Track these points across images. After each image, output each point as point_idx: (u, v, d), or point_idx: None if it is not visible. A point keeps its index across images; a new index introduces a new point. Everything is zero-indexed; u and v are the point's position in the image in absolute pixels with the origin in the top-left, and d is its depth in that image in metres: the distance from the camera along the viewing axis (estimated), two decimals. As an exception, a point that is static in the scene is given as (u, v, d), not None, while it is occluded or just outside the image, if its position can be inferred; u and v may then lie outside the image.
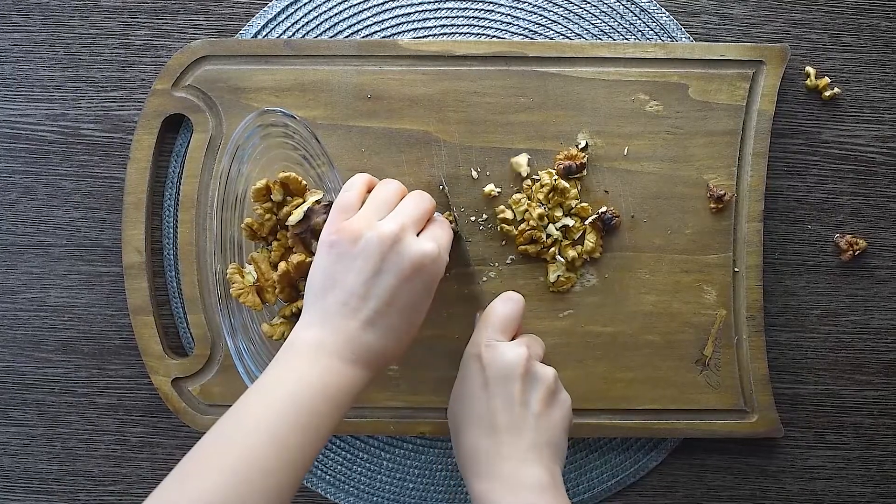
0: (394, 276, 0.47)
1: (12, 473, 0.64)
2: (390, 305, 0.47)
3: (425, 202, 0.52)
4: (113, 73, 0.63)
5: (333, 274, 0.48)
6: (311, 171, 0.58)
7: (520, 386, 0.50)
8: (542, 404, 0.50)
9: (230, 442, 0.43)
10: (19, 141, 0.63)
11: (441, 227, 0.52)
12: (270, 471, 0.42)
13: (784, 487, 0.63)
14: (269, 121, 0.57)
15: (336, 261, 0.48)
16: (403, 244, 0.48)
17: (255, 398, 0.45)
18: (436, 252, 0.49)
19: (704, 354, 0.60)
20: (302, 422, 0.44)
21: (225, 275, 0.57)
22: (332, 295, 0.48)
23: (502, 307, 0.53)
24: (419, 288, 0.48)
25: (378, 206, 0.50)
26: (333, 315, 0.47)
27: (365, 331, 0.47)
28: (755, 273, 0.60)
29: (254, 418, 0.44)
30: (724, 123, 0.59)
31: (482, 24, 0.62)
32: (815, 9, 0.62)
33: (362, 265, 0.47)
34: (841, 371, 0.63)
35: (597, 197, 0.60)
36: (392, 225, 0.48)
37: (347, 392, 0.46)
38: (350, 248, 0.48)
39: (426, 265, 0.48)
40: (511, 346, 0.51)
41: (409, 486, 0.63)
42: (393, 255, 0.47)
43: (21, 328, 0.64)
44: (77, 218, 0.63)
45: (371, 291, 0.47)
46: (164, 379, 0.61)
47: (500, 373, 0.50)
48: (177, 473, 0.42)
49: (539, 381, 0.51)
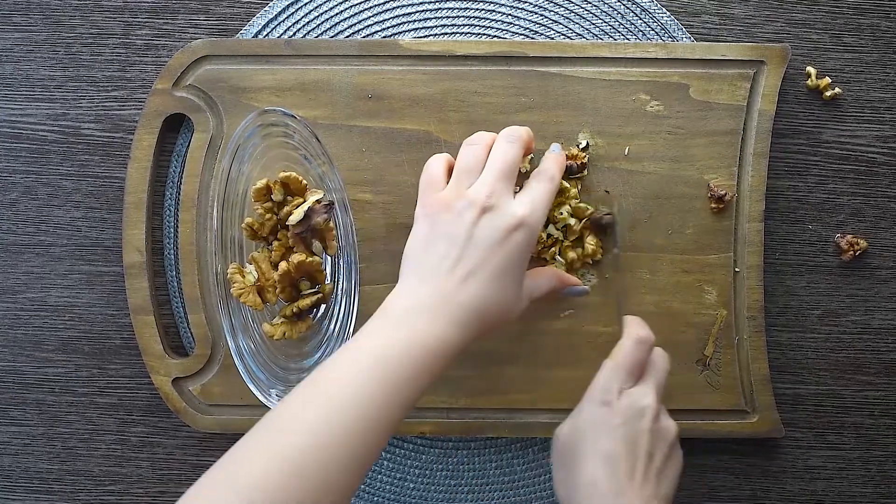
0: (487, 240, 0.48)
1: (13, 473, 0.64)
2: (483, 265, 0.48)
3: (512, 148, 0.51)
4: (114, 72, 0.63)
5: (427, 242, 0.49)
6: (312, 170, 0.58)
7: (648, 438, 0.49)
8: (664, 459, 0.50)
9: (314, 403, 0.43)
10: (20, 140, 0.63)
11: (538, 183, 0.52)
12: (351, 435, 0.42)
13: (785, 487, 0.63)
14: (270, 120, 0.57)
15: (430, 231, 0.49)
16: (495, 210, 0.49)
17: (342, 361, 0.45)
18: (528, 214, 0.49)
19: (705, 354, 0.60)
20: (387, 386, 0.44)
21: (225, 274, 0.57)
22: (426, 258, 0.49)
23: (633, 352, 0.51)
24: (513, 250, 0.49)
25: (465, 172, 0.51)
26: (428, 277, 0.48)
27: (459, 289, 0.47)
28: (756, 273, 0.60)
29: (338, 382, 0.44)
30: (725, 123, 0.59)
31: (483, 23, 0.62)
32: (815, 9, 0.62)
33: (456, 231, 0.48)
34: (842, 371, 0.63)
35: (597, 197, 0.60)
36: (482, 191, 0.49)
37: (438, 353, 0.46)
38: (443, 217, 0.49)
39: (518, 228, 0.49)
40: (641, 395, 0.50)
41: (409, 485, 0.63)
42: (485, 220, 0.48)
43: (21, 328, 0.64)
44: (78, 217, 0.63)
45: (465, 254, 0.48)
46: (165, 379, 0.61)
47: (630, 423, 0.49)
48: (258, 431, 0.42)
49: (665, 435, 0.50)
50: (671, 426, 0.51)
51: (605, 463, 0.48)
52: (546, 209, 0.51)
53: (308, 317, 0.58)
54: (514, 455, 0.63)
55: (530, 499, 0.63)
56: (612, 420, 0.49)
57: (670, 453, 0.50)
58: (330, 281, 0.59)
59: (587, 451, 0.49)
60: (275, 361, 0.57)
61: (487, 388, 0.60)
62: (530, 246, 0.50)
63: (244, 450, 0.42)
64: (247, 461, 0.41)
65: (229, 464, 0.41)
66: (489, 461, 0.63)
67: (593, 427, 0.49)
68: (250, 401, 0.57)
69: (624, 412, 0.49)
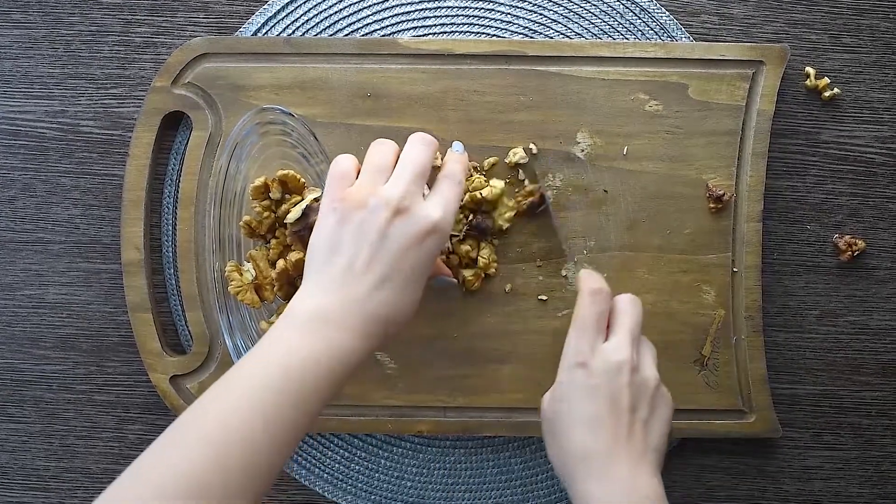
0: (401, 241, 0.46)
1: (10, 470, 0.64)
2: (395, 271, 0.46)
3: (425, 151, 0.50)
4: (112, 70, 0.63)
5: (337, 241, 0.47)
6: (310, 168, 0.58)
7: (627, 392, 0.48)
8: (648, 409, 0.49)
9: (213, 412, 0.42)
10: (18, 138, 0.63)
11: (448, 186, 0.50)
12: (253, 443, 0.41)
13: (782, 488, 0.63)
14: (268, 118, 0.57)
15: (339, 228, 0.47)
16: (410, 211, 0.47)
17: (243, 369, 0.44)
18: (440, 216, 0.48)
19: (703, 354, 0.60)
20: (291, 394, 0.42)
21: (223, 272, 0.57)
22: (336, 261, 0.46)
23: (592, 308, 0.51)
24: (426, 254, 0.47)
25: (377, 170, 0.49)
26: (337, 281, 0.46)
27: (369, 297, 0.46)
28: (754, 273, 0.60)
29: (241, 390, 0.42)
30: (724, 123, 0.59)
31: (482, 22, 0.62)
32: (814, 9, 0.62)
33: (368, 230, 0.46)
34: (839, 371, 0.63)
35: (596, 196, 0.60)
36: (396, 190, 0.47)
37: (344, 364, 0.45)
38: (354, 215, 0.47)
39: (431, 230, 0.47)
40: (614, 350, 0.49)
41: (406, 484, 0.63)
42: (399, 220, 0.46)
43: (19, 325, 0.64)
44: (76, 215, 0.63)
45: (378, 255, 0.46)
46: (163, 376, 0.61)
47: (607, 379, 0.48)
48: (157, 444, 0.41)
49: (645, 384, 0.49)
50: (650, 375, 0.50)
51: (590, 428, 0.48)
52: (455, 212, 0.50)
53: (306, 315, 0.58)
54: (511, 454, 0.63)
55: (527, 497, 0.63)
56: (590, 381, 0.48)
57: (655, 403, 0.50)
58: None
59: (570, 418, 0.48)
60: (272, 359, 0.57)
61: (485, 387, 0.60)
62: (442, 244, 0.49)
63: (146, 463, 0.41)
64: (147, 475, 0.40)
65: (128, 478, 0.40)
66: (486, 460, 0.63)
67: (573, 392, 0.49)
68: (248, 399, 0.57)
69: (600, 371, 0.48)
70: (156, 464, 0.41)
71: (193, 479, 0.39)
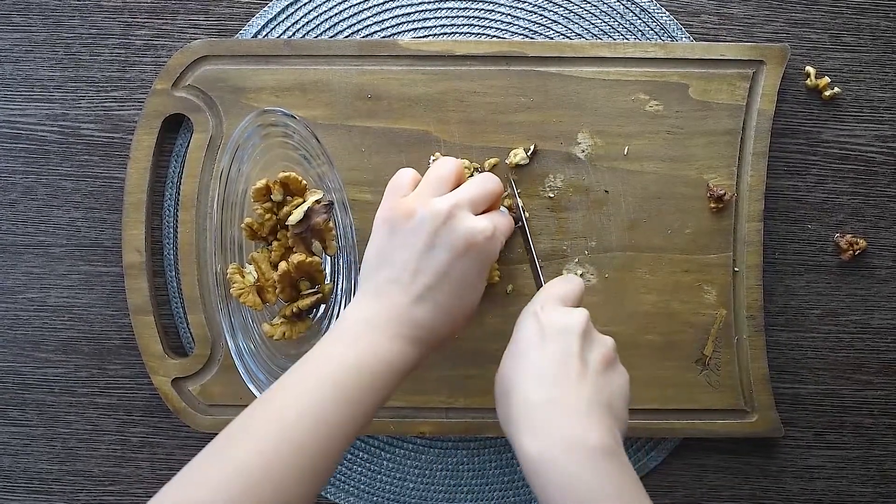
0: (446, 251, 0.47)
1: (12, 473, 0.64)
2: (442, 281, 0.47)
3: (488, 184, 0.51)
4: (113, 72, 0.63)
5: (386, 251, 0.48)
6: (312, 170, 0.58)
7: (579, 342, 0.46)
8: (601, 365, 0.46)
9: (266, 416, 0.43)
10: (19, 141, 0.63)
11: (502, 215, 0.52)
12: (304, 449, 0.41)
13: (784, 487, 0.63)
14: (269, 120, 0.57)
15: (389, 238, 0.48)
16: (457, 220, 0.47)
17: (295, 375, 0.45)
18: (490, 230, 0.48)
19: (704, 354, 0.60)
20: (339, 400, 0.43)
21: (225, 275, 0.57)
22: (385, 271, 0.48)
23: (562, 283, 0.51)
24: (471, 266, 0.48)
25: (433, 185, 0.49)
26: (384, 290, 0.47)
27: (415, 306, 0.47)
28: (755, 273, 0.60)
29: (291, 395, 0.43)
30: (724, 123, 0.59)
31: (482, 23, 0.62)
32: (815, 9, 0.62)
33: (415, 241, 0.47)
34: (841, 371, 0.63)
35: (597, 197, 0.60)
36: (446, 202, 0.48)
37: (391, 369, 0.45)
38: (403, 225, 0.48)
39: (479, 242, 0.47)
40: (570, 309, 0.49)
41: (409, 485, 0.63)
42: (445, 230, 0.47)
43: (21, 328, 0.64)
44: (77, 218, 0.63)
45: (423, 266, 0.47)
46: (165, 379, 0.61)
47: (558, 326, 0.47)
48: (209, 448, 0.42)
49: (599, 343, 0.48)
50: (607, 337, 0.49)
51: (536, 375, 0.46)
52: (505, 234, 0.51)
53: (308, 317, 0.58)
54: (513, 455, 0.63)
55: (529, 498, 0.63)
56: (541, 331, 0.47)
57: (608, 363, 0.47)
58: (329, 281, 0.59)
59: (518, 369, 0.47)
60: (274, 362, 0.57)
61: (486, 387, 0.60)
62: (490, 259, 0.49)
63: (197, 467, 0.41)
64: (198, 479, 0.41)
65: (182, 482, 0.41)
66: (488, 461, 0.63)
67: (522, 343, 0.48)
68: (250, 401, 0.56)
69: (552, 321, 0.47)
70: (207, 468, 0.41)
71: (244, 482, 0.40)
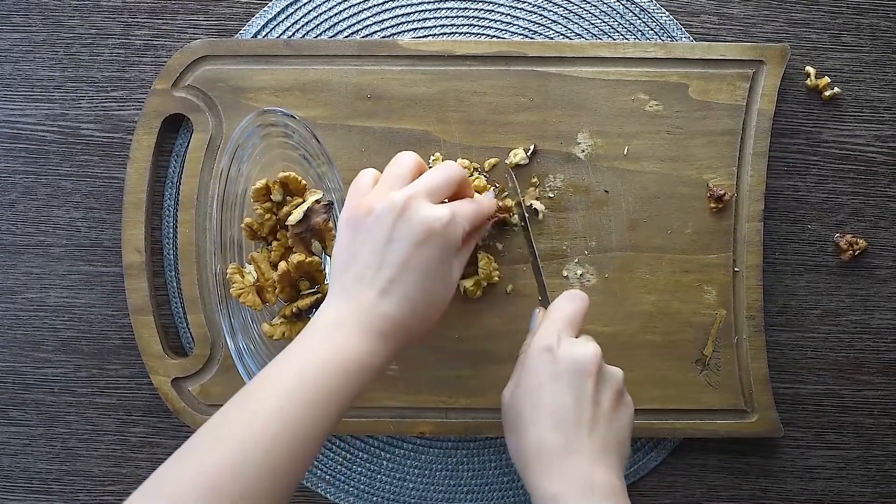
0: (405, 241, 0.47)
1: (12, 473, 0.64)
2: (403, 273, 0.47)
3: (446, 173, 0.50)
4: (113, 73, 0.63)
5: (350, 249, 0.48)
6: (311, 170, 0.58)
7: (593, 382, 0.47)
8: (612, 403, 0.48)
9: (234, 418, 0.43)
10: (19, 141, 0.63)
11: (465, 202, 0.51)
12: (274, 447, 0.41)
13: (784, 487, 0.63)
14: (269, 120, 0.57)
15: (353, 237, 0.48)
16: (412, 210, 0.47)
17: (267, 375, 0.45)
18: (447, 217, 0.47)
19: (704, 354, 0.60)
20: (310, 398, 0.43)
21: (225, 275, 0.57)
22: (350, 269, 0.48)
23: (570, 304, 0.51)
24: (432, 254, 0.47)
25: (391, 180, 0.49)
26: (351, 288, 0.47)
27: (381, 300, 0.46)
28: (755, 273, 0.60)
29: (262, 394, 0.43)
30: (724, 123, 0.59)
31: (482, 23, 0.62)
32: (815, 9, 0.62)
33: (375, 236, 0.47)
34: (841, 371, 0.63)
35: (597, 197, 0.60)
36: (401, 194, 0.48)
37: (362, 365, 0.45)
38: (364, 221, 0.48)
39: (437, 229, 0.47)
40: (584, 341, 0.49)
41: (408, 485, 0.63)
42: (402, 221, 0.47)
43: (21, 328, 0.64)
44: (77, 218, 0.63)
45: (384, 259, 0.47)
46: (164, 379, 0.61)
47: (573, 367, 0.48)
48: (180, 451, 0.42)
49: (610, 380, 0.49)
50: (616, 371, 0.49)
51: (551, 418, 0.47)
52: (468, 223, 0.49)
53: (307, 317, 0.58)
54: (513, 455, 0.63)
55: (529, 499, 0.62)
56: (554, 368, 0.48)
57: (618, 399, 0.49)
58: (329, 281, 0.58)
59: (532, 408, 0.48)
60: (274, 361, 0.57)
61: (486, 387, 0.60)
62: (451, 246, 0.48)
63: (167, 469, 0.42)
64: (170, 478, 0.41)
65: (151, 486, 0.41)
66: (488, 461, 0.63)
67: (536, 380, 0.48)
68: (250, 401, 0.57)
69: (565, 359, 0.48)
70: (176, 471, 0.41)
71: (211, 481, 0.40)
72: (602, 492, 0.45)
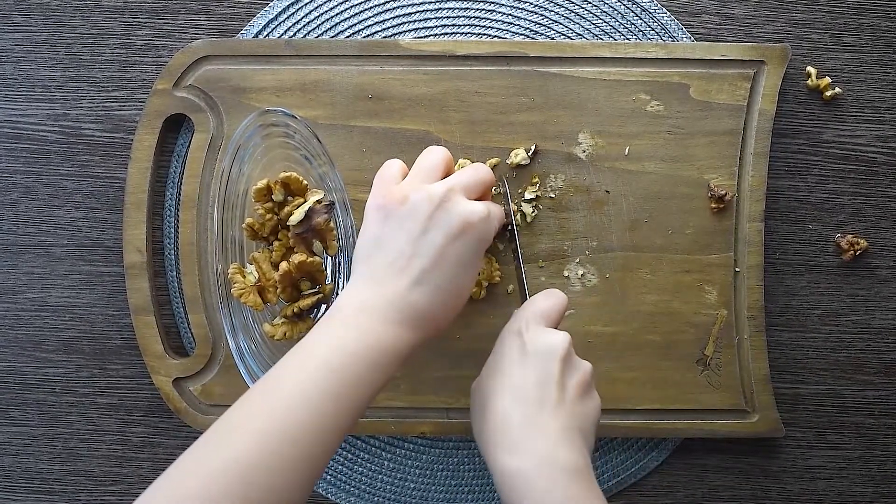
0: (442, 233, 0.47)
1: (13, 473, 0.64)
2: (438, 264, 0.47)
3: (480, 173, 0.51)
4: (114, 72, 0.63)
5: (380, 236, 0.48)
6: (313, 170, 0.58)
7: (559, 367, 0.47)
8: (578, 391, 0.48)
9: (258, 405, 0.42)
10: (20, 141, 0.63)
11: (495, 204, 0.52)
12: (300, 438, 0.41)
13: (785, 487, 0.63)
14: (270, 121, 0.57)
15: (383, 223, 0.48)
16: (452, 202, 0.48)
17: (291, 362, 0.44)
18: (485, 212, 0.48)
19: (705, 354, 0.60)
20: (336, 387, 0.43)
21: (226, 275, 0.57)
22: (380, 256, 0.47)
23: (545, 299, 0.51)
24: (467, 248, 0.48)
25: (425, 172, 0.50)
26: (380, 275, 0.47)
27: (412, 290, 0.46)
28: (756, 273, 0.60)
29: (287, 383, 0.43)
30: (725, 123, 0.59)
31: (483, 23, 0.62)
32: (816, 9, 0.62)
33: (410, 225, 0.47)
34: (842, 371, 0.63)
35: (598, 197, 0.60)
36: (441, 187, 0.48)
37: (390, 354, 0.45)
38: (398, 210, 0.48)
39: (474, 224, 0.48)
40: (554, 331, 0.49)
41: (409, 485, 0.63)
42: (441, 212, 0.47)
43: (22, 328, 0.64)
44: (78, 218, 0.63)
45: (419, 249, 0.47)
46: (166, 379, 0.61)
47: (541, 349, 0.48)
48: (203, 439, 0.41)
49: (578, 368, 0.49)
50: (586, 364, 0.49)
51: (513, 396, 0.47)
52: (500, 220, 0.51)
53: (309, 317, 0.58)
54: (514, 455, 0.63)
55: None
56: (523, 349, 0.48)
57: (585, 390, 0.48)
58: (330, 281, 0.59)
59: (497, 386, 0.48)
60: (275, 362, 0.57)
61: (488, 388, 0.60)
62: (485, 242, 0.49)
63: (191, 457, 0.41)
64: (192, 469, 0.40)
65: (175, 472, 0.40)
66: (490, 461, 0.63)
67: (503, 359, 0.48)
68: (251, 401, 0.57)
69: (533, 341, 0.48)
70: (202, 458, 0.40)
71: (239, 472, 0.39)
72: (564, 467, 0.44)
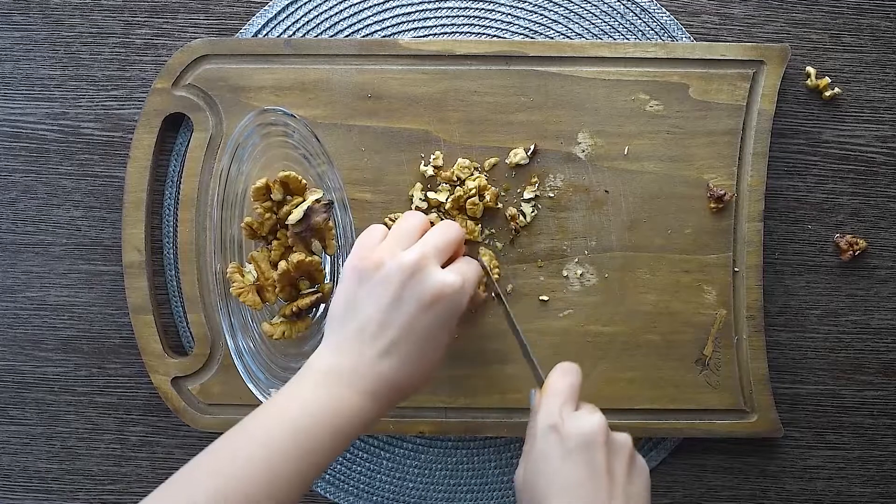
0: (413, 304, 0.47)
1: (12, 472, 0.64)
2: (408, 335, 0.47)
3: (451, 233, 0.51)
4: (113, 71, 0.63)
5: (354, 301, 0.48)
6: (311, 170, 0.58)
7: (604, 454, 0.46)
8: (625, 471, 0.47)
9: (224, 464, 0.43)
10: (19, 140, 0.63)
11: (468, 263, 0.52)
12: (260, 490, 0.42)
13: (784, 487, 0.63)
14: (269, 120, 0.57)
15: (357, 288, 0.48)
16: (424, 273, 0.48)
17: (257, 422, 0.45)
18: (458, 283, 0.48)
19: (704, 354, 0.60)
20: (298, 452, 0.44)
21: (225, 274, 0.57)
22: (351, 322, 0.48)
23: (564, 378, 0.51)
24: (438, 319, 0.48)
25: (400, 237, 0.50)
26: (350, 342, 0.47)
27: (381, 359, 0.47)
28: (755, 273, 0.60)
29: (250, 444, 0.44)
30: (725, 123, 0.59)
31: (482, 23, 0.62)
32: (815, 9, 0.62)
33: (382, 292, 0.47)
34: (841, 371, 0.63)
35: (597, 196, 0.60)
36: (413, 254, 0.48)
37: (352, 423, 0.46)
38: (372, 275, 0.48)
39: (447, 295, 0.48)
40: (588, 413, 0.48)
41: (408, 485, 0.63)
42: (413, 283, 0.47)
43: (21, 327, 0.64)
44: (77, 217, 0.63)
45: (390, 319, 0.47)
46: (164, 378, 0.61)
47: (581, 441, 0.46)
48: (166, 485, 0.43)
49: (620, 446, 0.48)
50: (625, 437, 0.49)
51: (570, 494, 0.46)
52: (473, 287, 0.50)
53: (307, 316, 0.58)
54: (513, 454, 0.63)
55: (529, 498, 0.62)
56: (564, 445, 0.47)
57: (631, 464, 0.48)
58: (329, 280, 0.59)
59: (548, 487, 0.47)
60: (274, 361, 0.57)
61: (486, 387, 0.60)
62: (456, 313, 0.49)
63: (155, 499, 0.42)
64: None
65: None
66: (488, 461, 0.63)
67: (546, 459, 0.47)
68: (249, 400, 0.57)
69: (573, 434, 0.47)
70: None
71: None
72: None
